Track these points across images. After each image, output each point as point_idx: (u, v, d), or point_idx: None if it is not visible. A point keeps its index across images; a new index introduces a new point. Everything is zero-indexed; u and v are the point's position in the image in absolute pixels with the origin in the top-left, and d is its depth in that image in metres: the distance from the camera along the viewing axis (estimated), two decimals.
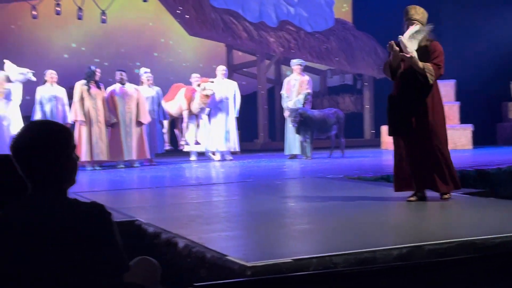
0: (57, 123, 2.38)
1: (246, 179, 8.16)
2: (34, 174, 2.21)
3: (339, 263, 3.18)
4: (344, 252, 3.26)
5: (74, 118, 10.83)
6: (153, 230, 4.35)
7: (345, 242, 3.64)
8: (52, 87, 11.31)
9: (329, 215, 4.90)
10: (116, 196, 6.69)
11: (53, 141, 2.22)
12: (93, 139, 10.74)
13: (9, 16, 14.84)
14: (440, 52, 5.39)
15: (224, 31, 14.74)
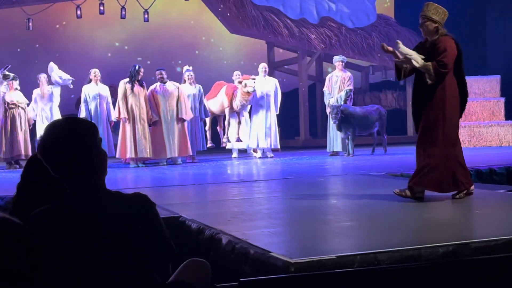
0: (79, 118, 2.44)
1: (288, 176, 8.16)
2: (69, 172, 2.25)
3: (383, 260, 3.15)
4: (388, 249, 3.23)
5: (117, 116, 10.99)
6: (196, 226, 4.39)
7: (389, 239, 3.61)
8: (96, 86, 11.50)
9: (372, 212, 4.86)
10: (160, 192, 6.76)
11: (80, 135, 2.25)
12: (137, 137, 10.87)
13: (54, 16, 15.13)
14: (444, 49, 5.22)
15: (265, 28, 14.75)
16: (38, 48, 16.51)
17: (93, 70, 11.63)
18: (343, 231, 4.04)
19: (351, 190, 6.54)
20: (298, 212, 4.98)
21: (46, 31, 15.87)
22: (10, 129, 11.02)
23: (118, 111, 10.97)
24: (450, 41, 5.31)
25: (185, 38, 17.65)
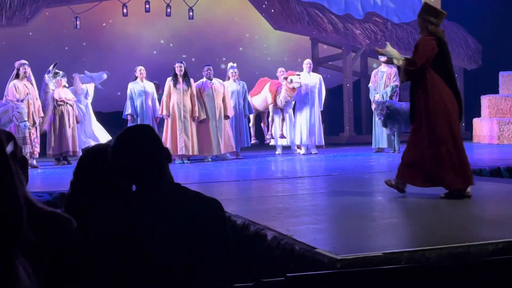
0: (141, 124, 2.59)
1: (332, 173, 8.11)
2: (140, 173, 2.36)
3: (431, 257, 3.10)
4: (437, 247, 3.18)
5: (160, 112, 11.16)
6: (241, 222, 4.40)
7: (437, 236, 3.55)
8: (142, 83, 11.64)
9: (419, 209, 4.79)
10: (205, 188, 6.80)
11: (148, 141, 2.39)
12: (177, 134, 10.96)
13: (101, 14, 15.37)
14: (417, 47, 5.38)
15: (309, 25, 14.68)
16: (85, 46, 16.80)
17: (138, 68, 11.78)
18: (390, 228, 4.00)
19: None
20: (343, 208, 4.95)
21: (93, 30, 16.13)
22: (59, 125, 11.24)
23: (161, 107, 11.12)
24: (428, 39, 5.37)
25: (229, 35, 17.71)
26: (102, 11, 14.81)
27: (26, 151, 10.31)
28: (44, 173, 9.73)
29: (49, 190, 6.51)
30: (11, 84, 10.34)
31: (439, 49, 5.32)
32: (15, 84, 10.32)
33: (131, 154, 2.37)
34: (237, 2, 15.91)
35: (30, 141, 10.34)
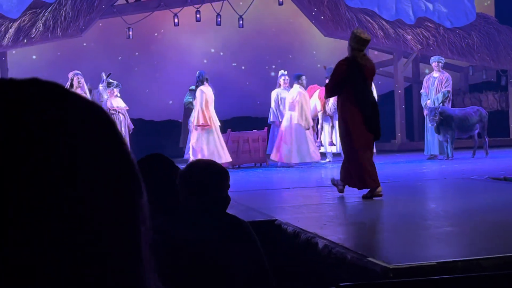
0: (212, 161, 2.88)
1: (384, 181, 8.01)
2: (206, 199, 2.54)
3: (487, 266, 3.03)
4: (492, 256, 3.11)
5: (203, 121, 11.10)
6: (292, 230, 4.39)
7: (492, 245, 3.47)
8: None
9: (474, 217, 4.69)
10: (256, 196, 6.82)
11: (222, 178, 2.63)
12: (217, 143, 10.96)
13: (153, 24, 15.62)
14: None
15: None
16: (137, 56, 17.09)
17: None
18: (444, 237, 3.92)
19: (451, 194, 6.34)
20: (395, 217, 4.88)
21: (145, 39, 16.40)
22: None
23: (203, 117, 10.94)
24: (340, 64, 6.28)
25: (278, 43, 17.74)
26: (154, 21, 15.04)
27: None
28: None
29: None
30: None
31: (350, 71, 6.12)
32: None
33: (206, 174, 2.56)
34: (286, 10, 15.92)
35: None
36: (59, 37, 13.10)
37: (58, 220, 0.50)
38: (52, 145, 0.52)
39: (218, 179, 2.62)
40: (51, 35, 12.96)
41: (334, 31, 14.49)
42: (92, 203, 0.52)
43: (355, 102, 6.13)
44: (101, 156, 0.55)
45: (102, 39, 16.38)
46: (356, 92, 6.13)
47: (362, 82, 6.18)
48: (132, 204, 0.56)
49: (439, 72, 11.97)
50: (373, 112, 6.26)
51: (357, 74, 6.12)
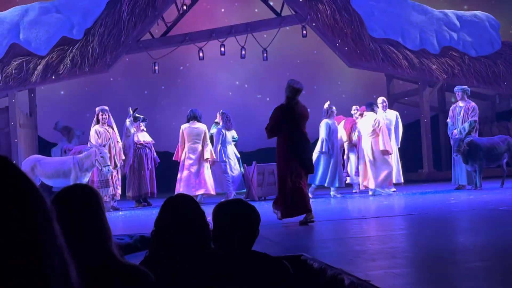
0: (243, 201, 2.88)
1: (411, 212, 7.92)
2: (236, 237, 2.60)
3: None
4: None
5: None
6: (318, 265, 4.34)
7: None
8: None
9: (505, 251, 4.59)
10: (281, 229, 6.78)
11: (255, 219, 2.68)
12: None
13: (178, 58, 15.80)
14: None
15: (384, 61, 14.57)
16: (163, 89, 17.27)
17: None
18: (473, 273, 3.84)
19: (480, 226, 6.24)
20: (423, 251, 4.81)
21: (171, 73, 16.58)
22: (138, 168, 11.53)
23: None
24: (276, 109, 7.54)
25: (303, 74, 17.78)
26: (179, 55, 15.22)
27: (108, 193, 10.62)
28: (125, 215, 9.98)
29: (130, 233, 6.64)
30: (93, 130, 10.73)
31: (284, 116, 7.38)
32: (96, 129, 10.70)
33: (230, 226, 2.61)
34: (310, 42, 16.01)
35: (112, 184, 10.65)
36: (86, 73, 13.32)
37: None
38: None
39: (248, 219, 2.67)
40: (79, 71, 13.19)
41: (359, 61, 14.50)
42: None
43: (288, 141, 7.31)
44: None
45: (128, 74, 16.61)
46: (290, 133, 7.33)
47: (295, 125, 7.39)
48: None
49: (465, 102, 11.88)
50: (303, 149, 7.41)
51: (290, 118, 7.37)
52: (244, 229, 2.64)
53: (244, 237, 2.64)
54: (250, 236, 2.66)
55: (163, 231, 2.68)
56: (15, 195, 0.83)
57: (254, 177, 11.55)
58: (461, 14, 15.53)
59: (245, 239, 2.64)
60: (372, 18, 14.57)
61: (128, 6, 13.32)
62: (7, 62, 13.09)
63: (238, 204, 2.78)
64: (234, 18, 15.61)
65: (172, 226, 2.65)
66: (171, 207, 2.73)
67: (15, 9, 13.44)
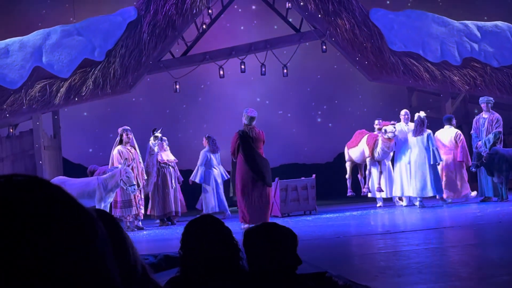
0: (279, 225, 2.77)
1: (437, 226, 7.83)
2: (277, 264, 2.54)
3: None
4: None
5: None
6: (343, 282, 4.30)
7: None
8: None
9: None
10: (305, 246, 6.74)
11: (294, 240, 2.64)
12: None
13: (199, 77, 15.89)
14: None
15: (405, 74, 14.49)
16: (185, 108, 17.37)
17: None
18: (500, 287, 3.78)
19: (507, 239, 6.14)
20: (450, 265, 4.75)
21: (192, 92, 16.68)
22: (162, 187, 11.57)
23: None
24: (234, 136, 9.42)
25: (324, 89, 17.80)
26: (200, 74, 15.30)
27: (131, 213, 10.68)
28: (149, 234, 10.01)
29: (154, 253, 6.65)
30: (116, 150, 10.81)
31: (241, 140, 9.16)
32: (119, 150, 10.78)
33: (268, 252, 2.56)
34: (330, 56, 16.01)
35: (135, 203, 10.71)
36: (109, 94, 13.45)
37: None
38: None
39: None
40: (101, 92, 13.32)
41: (379, 75, 14.45)
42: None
43: (246, 160, 9.00)
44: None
45: (150, 94, 16.74)
46: (246, 154, 9.03)
47: (250, 147, 9.08)
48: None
49: (489, 113, 11.77)
50: (260, 167, 9.04)
51: (247, 141, 9.10)
52: (284, 252, 2.57)
53: (284, 261, 2.56)
54: (290, 259, 2.58)
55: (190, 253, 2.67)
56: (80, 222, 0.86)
57: (277, 194, 11.53)
58: (482, 24, 15.42)
59: (285, 263, 2.57)
60: (392, 32, 14.53)
61: (148, 27, 13.46)
62: (30, 85, 13.27)
63: (275, 226, 2.71)
64: (254, 35, 15.68)
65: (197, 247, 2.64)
66: (196, 228, 2.72)
67: (37, 33, 13.64)
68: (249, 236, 2.62)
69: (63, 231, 0.82)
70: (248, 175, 8.93)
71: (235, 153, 9.28)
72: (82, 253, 0.83)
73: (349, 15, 14.22)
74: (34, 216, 0.80)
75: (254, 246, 2.58)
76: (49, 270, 0.79)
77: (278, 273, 2.53)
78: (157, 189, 11.56)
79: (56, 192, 0.87)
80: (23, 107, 13.23)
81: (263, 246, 2.55)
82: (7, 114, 13.21)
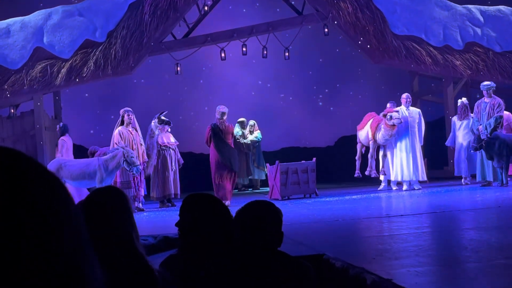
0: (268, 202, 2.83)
1: (436, 210, 7.85)
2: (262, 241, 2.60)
3: None
4: None
5: None
6: (340, 264, 4.32)
7: None
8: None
9: None
10: (304, 229, 6.77)
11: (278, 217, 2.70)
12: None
13: (201, 59, 15.86)
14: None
15: (407, 58, 14.45)
16: (186, 90, 17.35)
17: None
18: (497, 270, 3.80)
19: (506, 223, 6.15)
20: (447, 249, 4.76)
21: (193, 74, 16.66)
22: (162, 169, 11.59)
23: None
24: (208, 128, 10.92)
25: (325, 73, 17.77)
26: (202, 56, 15.27)
27: (130, 194, 10.71)
28: (149, 216, 10.04)
29: (154, 234, 6.67)
30: (117, 130, 10.81)
31: (213, 133, 10.75)
32: (120, 130, 10.78)
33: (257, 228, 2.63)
34: (332, 40, 15.96)
35: (134, 185, 10.73)
36: (110, 75, 13.42)
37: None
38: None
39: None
40: (102, 73, 13.30)
41: (381, 59, 14.40)
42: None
43: (216, 149, 10.68)
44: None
45: (151, 76, 16.71)
46: (216, 144, 10.71)
47: (220, 138, 10.71)
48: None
49: (491, 97, 11.74)
50: (228, 155, 10.68)
51: (218, 134, 10.71)
52: (268, 229, 2.64)
53: (268, 237, 2.63)
54: (274, 236, 2.65)
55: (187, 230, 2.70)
56: (42, 190, 0.83)
57: (277, 177, 11.54)
58: (485, 9, 15.34)
59: (269, 239, 2.64)
60: (395, 15, 14.46)
61: (150, 8, 13.40)
62: (31, 65, 13.25)
63: (262, 204, 2.78)
64: (256, 18, 15.62)
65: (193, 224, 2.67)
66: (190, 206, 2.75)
67: (38, 13, 13.60)
68: (238, 213, 2.69)
69: (25, 208, 0.79)
70: (218, 161, 10.65)
71: (208, 142, 10.90)
72: (45, 240, 0.79)
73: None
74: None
75: (240, 222, 2.65)
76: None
77: (261, 249, 2.58)
78: (157, 172, 11.57)
79: (26, 165, 0.83)
80: (24, 88, 13.22)
81: (247, 223, 2.62)
82: (8, 94, 13.20)
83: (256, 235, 2.60)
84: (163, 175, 11.57)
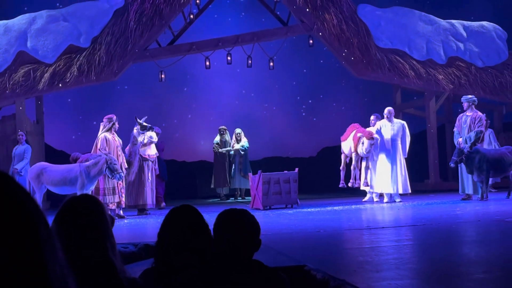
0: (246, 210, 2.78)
1: (417, 223, 7.89)
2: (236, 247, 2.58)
3: None
4: None
5: None
6: (321, 276, 4.33)
7: None
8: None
9: (509, 263, 4.57)
10: (285, 239, 6.77)
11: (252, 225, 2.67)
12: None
13: (185, 67, 15.85)
14: None
15: (390, 71, 14.56)
16: (170, 98, 17.31)
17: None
18: (477, 285, 3.83)
19: (485, 238, 6.21)
20: (427, 262, 4.79)
21: (177, 82, 16.62)
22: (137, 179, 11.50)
23: None
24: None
25: (309, 83, 17.83)
26: (186, 64, 15.26)
27: (114, 200, 10.64)
28: (130, 223, 9.98)
29: (134, 241, 6.63)
30: (103, 135, 10.73)
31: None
32: (106, 136, 10.71)
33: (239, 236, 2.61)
34: (316, 51, 16.04)
35: (117, 191, 10.67)
36: (93, 81, 13.36)
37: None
38: None
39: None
40: (86, 79, 13.23)
41: (365, 71, 14.50)
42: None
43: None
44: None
45: (135, 82, 16.67)
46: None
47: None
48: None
49: (472, 111, 11.86)
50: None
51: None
52: (245, 238, 2.63)
53: (242, 245, 2.62)
54: (251, 245, 2.64)
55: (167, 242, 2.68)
56: (18, 208, 0.87)
57: (259, 186, 11.54)
58: (468, 24, 15.51)
59: (243, 247, 2.63)
60: (379, 28, 14.57)
61: (135, 15, 13.38)
62: (14, 69, 13.15)
63: (239, 213, 2.77)
64: (241, 27, 15.66)
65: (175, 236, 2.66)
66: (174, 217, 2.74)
67: (22, 17, 13.51)
68: (218, 218, 2.69)
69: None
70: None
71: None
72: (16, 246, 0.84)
73: (336, 10, 14.24)
74: None
75: (215, 230, 2.65)
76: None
77: (235, 256, 2.58)
78: (133, 180, 11.45)
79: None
80: (6, 91, 13.12)
81: (221, 230, 2.62)
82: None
83: (230, 242, 2.59)
84: (138, 184, 11.49)
